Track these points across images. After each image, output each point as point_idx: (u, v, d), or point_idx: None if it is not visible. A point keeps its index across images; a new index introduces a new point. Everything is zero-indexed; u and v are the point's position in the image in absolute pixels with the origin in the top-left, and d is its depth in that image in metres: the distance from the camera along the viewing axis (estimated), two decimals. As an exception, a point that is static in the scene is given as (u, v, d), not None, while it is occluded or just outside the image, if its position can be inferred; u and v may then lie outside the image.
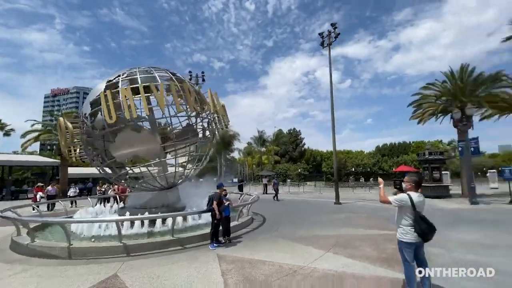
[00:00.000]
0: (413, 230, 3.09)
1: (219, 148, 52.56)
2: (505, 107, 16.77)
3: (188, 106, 8.61)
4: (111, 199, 13.04)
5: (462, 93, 15.95)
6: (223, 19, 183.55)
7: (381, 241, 6.09)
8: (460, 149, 14.21)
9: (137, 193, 10.35)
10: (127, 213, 8.02)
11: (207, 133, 10.24)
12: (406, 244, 3.16)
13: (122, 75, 8.38)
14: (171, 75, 8.60)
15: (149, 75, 8.34)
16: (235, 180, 35.35)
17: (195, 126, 9.74)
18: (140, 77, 8.04)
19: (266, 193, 22.87)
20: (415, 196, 3.18)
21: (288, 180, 42.37)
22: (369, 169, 43.85)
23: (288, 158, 57.07)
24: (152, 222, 7.78)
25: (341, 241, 6.21)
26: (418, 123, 19.89)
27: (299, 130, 62.89)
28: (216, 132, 10.30)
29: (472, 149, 12.87)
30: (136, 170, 9.05)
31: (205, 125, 10.01)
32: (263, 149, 55.83)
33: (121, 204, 11.85)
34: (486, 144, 53.45)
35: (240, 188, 18.30)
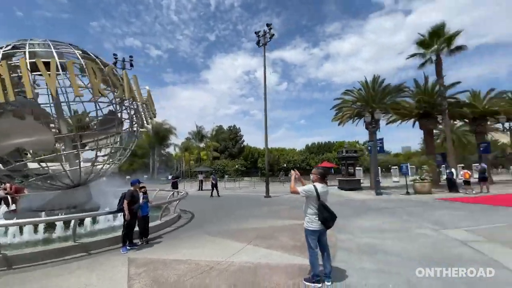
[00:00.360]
0: (317, 218, 3.32)
1: (153, 143, 48.74)
2: (405, 113, 20.46)
3: (95, 90, 7.25)
4: (1, 201, 10.50)
5: (373, 100, 18.73)
6: (162, 4, 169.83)
7: (299, 230, 6.50)
8: (369, 148, 16.69)
9: (38, 193, 8.58)
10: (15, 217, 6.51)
11: (128, 123, 9.18)
12: (311, 231, 3.38)
13: (6, 46, 6.69)
14: (79, 53, 7.30)
15: (45, 49, 6.88)
16: (171, 176, 33.33)
17: (115, 115, 8.57)
18: (30, 50, 6.55)
19: (202, 189, 22.25)
20: (320, 186, 3.42)
21: (226, 176, 42.45)
22: (298, 165, 47.72)
23: (227, 154, 57.14)
24: (52, 226, 6.51)
25: (263, 233, 6.43)
26: (339, 124, 22.48)
27: (239, 128, 63.67)
28: (145, 123, 9.28)
29: (378, 148, 15.27)
30: (34, 165, 7.42)
31: (126, 114, 8.94)
32: (202, 144, 54.37)
33: (13, 207, 9.64)
34: (392, 145, 64.65)
35: (174, 185, 17.22)
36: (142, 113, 9.00)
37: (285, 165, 48.65)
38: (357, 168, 29.98)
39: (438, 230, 6.12)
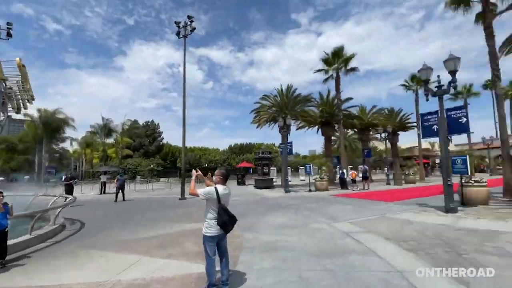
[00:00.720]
0: (216, 223, 3.11)
1: (40, 135, 38.85)
2: (311, 121, 23.22)
3: None
4: None
5: (286, 107, 20.51)
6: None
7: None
8: (281, 150, 18.11)
9: None
10: None
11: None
12: (210, 238, 3.14)
13: None
14: None
15: None
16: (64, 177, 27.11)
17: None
18: None
19: (104, 193, 19.10)
20: (221, 189, 3.22)
21: (138, 177, 38.12)
22: (220, 165, 47.82)
23: (143, 152, 51.52)
24: None
25: (166, 240, 5.84)
26: (257, 127, 23.63)
27: (158, 123, 58.58)
28: (22, 107, 7.03)
29: (288, 150, 16.74)
30: None
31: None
32: (111, 140, 47.01)
33: None
34: (302, 148, 72.87)
35: (69, 189, 13.90)
36: (13, 95, 6.85)
37: (206, 165, 47.76)
38: (271, 168, 32.24)
39: (330, 224, 6.99)
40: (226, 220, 3.11)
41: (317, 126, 24.56)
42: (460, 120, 8.13)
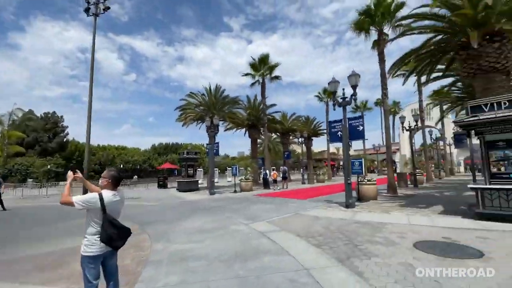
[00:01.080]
0: (99, 238, 2.45)
1: None
2: (239, 123, 23.48)
3: None
4: None
5: (214, 107, 20.12)
6: None
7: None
8: (207, 150, 17.58)
9: None
10: None
11: None
12: (90, 258, 2.45)
13: None
14: None
15: None
16: None
17: None
18: None
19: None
20: (109, 195, 2.57)
21: (30, 180, 30.32)
22: (139, 166, 43.13)
23: (40, 150, 41.16)
24: None
25: (47, 261, 4.58)
26: (183, 125, 22.34)
27: (62, 116, 47.93)
28: None
29: (215, 151, 16.36)
30: None
31: None
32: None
33: None
34: (232, 149, 73.57)
35: None
36: None
37: (122, 166, 42.11)
38: (198, 169, 31.10)
39: (249, 225, 6.97)
40: (113, 234, 2.49)
41: (244, 129, 25.09)
42: (358, 128, 9.54)
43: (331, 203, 10.61)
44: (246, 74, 22.11)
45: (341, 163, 56.82)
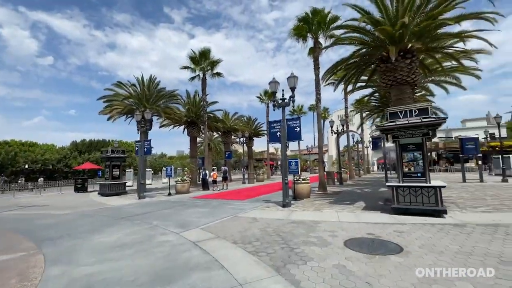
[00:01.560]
0: None
1: None
2: (177, 119, 21.77)
3: None
4: None
5: (147, 100, 18.09)
6: None
7: (-32, 283, 3.76)
8: (136, 148, 15.62)
9: None
10: None
11: None
12: None
13: None
14: None
15: None
16: None
17: None
18: None
19: None
20: None
21: None
22: (51, 166, 36.04)
23: None
24: None
25: None
26: (109, 119, 19.44)
27: None
28: None
29: (146, 149, 14.61)
30: None
31: None
32: None
33: None
34: (170, 148, 68.75)
35: None
36: None
37: (27, 166, 34.26)
38: (128, 170, 27.77)
39: (180, 233, 6.19)
40: None
41: (183, 126, 23.48)
42: (295, 129, 9.77)
43: (269, 203, 10.61)
44: (185, 67, 20.65)
45: (279, 162, 59.73)
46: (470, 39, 9.24)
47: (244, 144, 26.15)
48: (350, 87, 18.69)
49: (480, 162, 19.37)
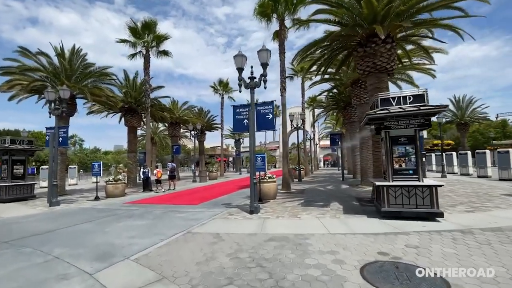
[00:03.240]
0: None
1: None
2: (110, 104, 17.49)
3: None
4: None
5: (68, 76, 13.87)
6: None
7: None
8: (47, 137, 11.61)
9: None
10: None
11: None
12: None
13: None
14: None
15: None
16: None
17: None
18: None
19: None
20: None
21: None
22: None
23: None
24: None
25: None
26: (10, 99, 14.48)
27: None
28: None
29: (60, 139, 10.82)
30: None
31: None
32: None
33: None
34: (108, 142, 59.67)
35: None
36: None
37: None
38: (42, 167, 22.11)
39: (95, 274, 3.68)
40: None
41: (120, 114, 19.38)
42: (267, 116, 7.92)
43: (231, 208, 8.57)
44: (123, 41, 16.73)
45: (231, 159, 57.57)
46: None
47: (195, 138, 23.25)
48: (314, 79, 17.82)
49: (424, 159, 20.95)
